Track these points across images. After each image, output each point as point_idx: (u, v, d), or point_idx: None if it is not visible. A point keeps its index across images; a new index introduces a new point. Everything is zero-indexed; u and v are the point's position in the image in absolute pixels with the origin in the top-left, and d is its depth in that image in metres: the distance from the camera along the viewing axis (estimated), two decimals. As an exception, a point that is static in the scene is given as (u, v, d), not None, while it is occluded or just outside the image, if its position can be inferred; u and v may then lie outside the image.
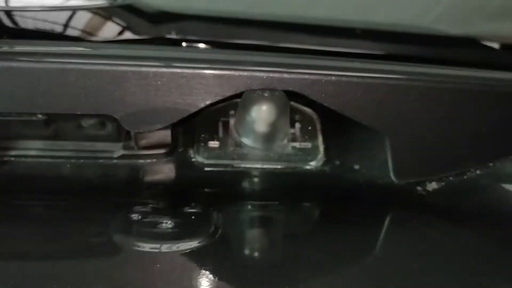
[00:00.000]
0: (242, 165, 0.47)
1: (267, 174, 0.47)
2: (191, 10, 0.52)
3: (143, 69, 0.41)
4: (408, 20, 0.55)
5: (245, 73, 0.42)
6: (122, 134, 0.47)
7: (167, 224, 0.39)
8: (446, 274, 0.35)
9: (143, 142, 0.46)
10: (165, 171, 0.47)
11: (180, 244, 0.36)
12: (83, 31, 0.48)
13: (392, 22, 0.55)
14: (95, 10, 0.49)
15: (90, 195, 0.44)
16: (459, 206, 0.45)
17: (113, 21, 0.49)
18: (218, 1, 0.54)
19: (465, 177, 0.46)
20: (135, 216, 0.39)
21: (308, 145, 0.48)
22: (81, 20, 0.49)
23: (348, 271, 0.36)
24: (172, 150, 0.48)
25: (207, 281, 0.34)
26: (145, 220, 0.39)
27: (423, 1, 0.58)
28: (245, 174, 0.47)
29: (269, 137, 0.46)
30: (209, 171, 0.47)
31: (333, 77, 0.42)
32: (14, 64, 0.40)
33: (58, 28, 0.48)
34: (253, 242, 0.39)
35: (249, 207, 0.43)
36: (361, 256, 0.38)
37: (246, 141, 0.47)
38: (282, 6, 0.55)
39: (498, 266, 0.36)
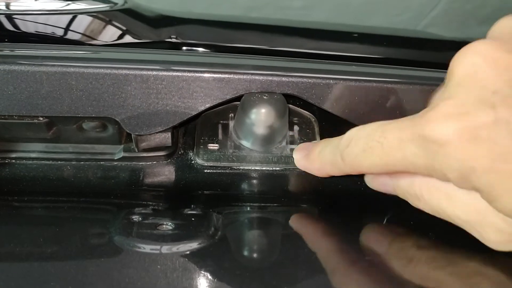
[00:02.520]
0: (241, 167, 0.47)
1: (266, 176, 0.47)
2: (191, 14, 0.52)
3: (144, 72, 0.41)
4: (405, 24, 0.56)
5: (245, 77, 0.42)
6: (123, 137, 0.48)
7: (168, 225, 0.39)
8: (443, 275, 0.36)
9: (144, 144, 0.46)
10: (165, 173, 0.47)
11: (180, 246, 0.37)
12: (83, 34, 0.48)
13: (389, 26, 0.55)
14: (96, 14, 0.50)
15: (90, 197, 0.44)
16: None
17: (113, 25, 0.49)
18: (218, 5, 0.55)
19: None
20: (135, 218, 0.40)
21: None
22: (82, 24, 0.49)
23: (346, 272, 0.36)
24: (172, 152, 0.48)
25: (208, 282, 0.34)
26: (146, 221, 0.39)
27: (420, 5, 0.59)
28: (244, 176, 0.47)
29: (268, 140, 0.47)
30: (208, 173, 0.47)
31: (331, 81, 0.43)
32: (16, 67, 0.40)
33: (59, 32, 0.48)
34: (253, 244, 0.39)
35: (249, 208, 0.44)
36: (359, 256, 0.38)
37: (245, 143, 0.48)
38: (281, 10, 0.56)
39: (494, 266, 0.36)
